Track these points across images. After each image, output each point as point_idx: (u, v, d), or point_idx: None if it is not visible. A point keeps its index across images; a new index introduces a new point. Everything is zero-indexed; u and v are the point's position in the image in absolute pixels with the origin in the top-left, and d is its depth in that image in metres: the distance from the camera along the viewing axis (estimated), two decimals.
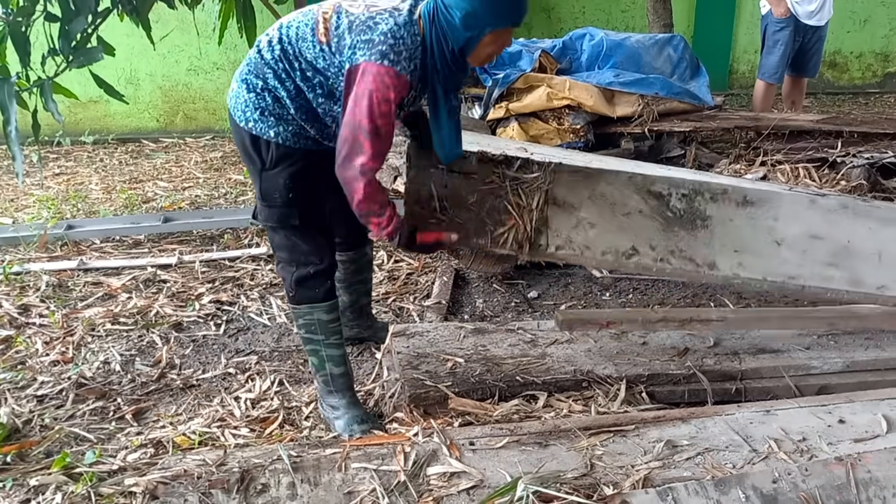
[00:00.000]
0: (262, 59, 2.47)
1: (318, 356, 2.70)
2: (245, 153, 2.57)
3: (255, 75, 2.48)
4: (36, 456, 2.50)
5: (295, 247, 2.62)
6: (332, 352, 2.69)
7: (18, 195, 5.39)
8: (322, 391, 2.75)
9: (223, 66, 7.37)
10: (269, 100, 2.46)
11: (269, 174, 2.52)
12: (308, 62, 2.40)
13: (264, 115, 2.47)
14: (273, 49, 2.44)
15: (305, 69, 2.41)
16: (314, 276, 2.62)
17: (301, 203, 2.55)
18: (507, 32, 2.32)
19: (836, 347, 2.88)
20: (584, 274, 4.00)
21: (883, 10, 8.86)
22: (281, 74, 2.44)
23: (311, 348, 2.71)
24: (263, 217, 2.61)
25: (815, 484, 1.96)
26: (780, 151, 4.88)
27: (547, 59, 5.42)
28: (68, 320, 3.47)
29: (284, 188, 2.52)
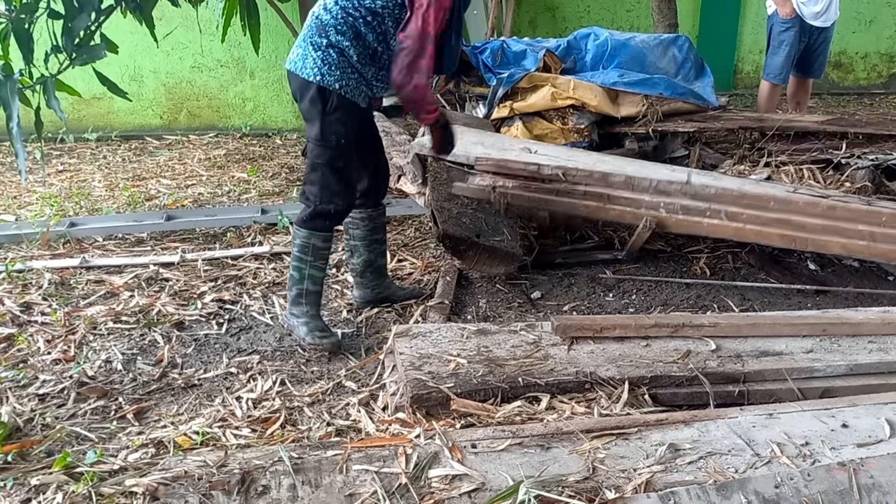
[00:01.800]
0: (322, 21, 2.97)
1: (300, 272, 3.17)
2: (310, 101, 3.03)
3: (318, 35, 2.97)
4: (37, 455, 2.49)
5: (328, 185, 3.09)
6: (314, 273, 3.19)
7: (21, 192, 5.39)
8: (292, 301, 3.23)
9: (227, 63, 7.37)
10: (335, 54, 2.96)
11: (330, 118, 3.00)
12: (367, 9, 2.93)
13: (331, 69, 2.96)
14: (331, 10, 2.96)
15: (365, 15, 2.93)
16: (333, 215, 3.14)
17: (347, 150, 3.06)
18: None
19: (839, 350, 2.87)
20: (588, 274, 3.99)
21: (889, 11, 8.84)
22: (342, 28, 2.94)
23: (296, 265, 3.18)
24: (314, 155, 3.09)
25: (818, 489, 1.95)
26: (784, 152, 4.87)
27: (551, 58, 5.41)
28: (70, 318, 3.47)
29: (341, 133, 3.02)
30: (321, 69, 2.97)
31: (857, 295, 3.77)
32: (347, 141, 3.06)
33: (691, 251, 4.22)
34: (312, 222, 3.13)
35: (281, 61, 7.34)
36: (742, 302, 3.71)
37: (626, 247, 4.06)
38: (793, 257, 4.20)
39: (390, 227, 4.54)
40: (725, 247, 4.23)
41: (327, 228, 3.17)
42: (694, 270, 4.03)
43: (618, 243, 4.22)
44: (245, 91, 7.45)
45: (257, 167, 6.08)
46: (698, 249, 4.23)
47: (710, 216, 3.64)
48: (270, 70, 7.40)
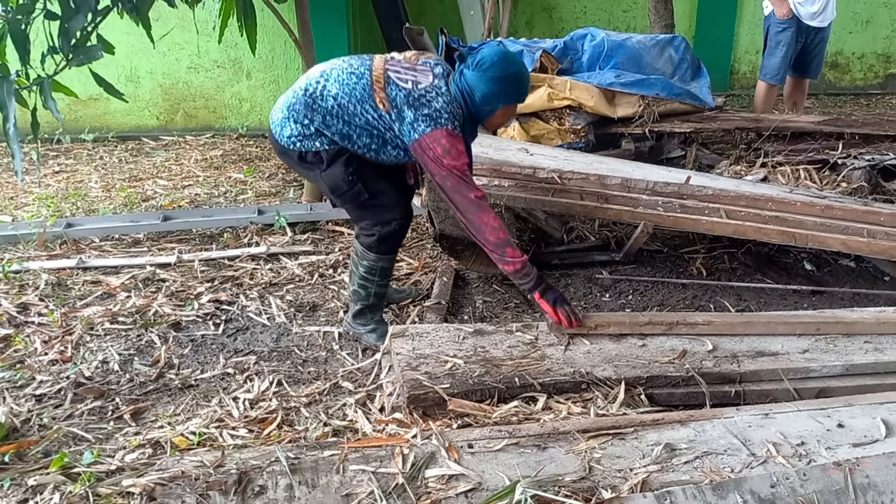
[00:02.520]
0: (311, 107, 2.98)
1: (366, 290, 3.26)
2: (300, 167, 3.12)
3: (303, 115, 2.98)
4: (34, 455, 2.50)
5: (378, 210, 3.13)
6: (380, 290, 3.29)
7: (18, 193, 5.39)
8: (356, 313, 3.32)
9: (223, 63, 7.36)
10: (313, 130, 2.98)
11: (328, 172, 3.03)
12: (366, 120, 2.94)
13: (309, 139, 3.00)
14: (325, 102, 2.96)
15: (362, 125, 2.95)
16: (398, 232, 3.18)
17: (362, 179, 3.06)
18: (513, 107, 3.08)
19: (834, 351, 2.88)
20: (585, 274, 4.00)
21: (885, 12, 8.85)
22: (330, 122, 2.96)
23: (362, 284, 3.25)
24: (341, 203, 3.16)
25: (814, 489, 1.96)
26: (780, 153, 4.88)
27: (548, 59, 5.42)
28: (67, 319, 3.47)
29: (345, 175, 3.02)
30: (297, 139, 3.01)
31: (853, 295, 3.78)
32: (357, 175, 3.05)
33: (688, 252, 4.23)
34: (380, 248, 3.17)
35: (278, 62, 7.35)
36: (738, 302, 3.71)
37: (624, 248, 4.06)
38: (789, 258, 4.21)
39: None
40: (722, 247, 4.24)
41: (394, 250, 3.26)
42: (690, 271, 4.04)
43: (614, 244, 4.23)
44: (242, 92, 7.44)
45: (254, 168, 6.08)
46: (695, 250, 4.24)
47: (709, 214, 3.65)
48: (267, 71, 7.40)
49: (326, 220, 4.68)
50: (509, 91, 2.97)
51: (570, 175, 3.94)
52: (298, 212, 4.72)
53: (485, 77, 2.91)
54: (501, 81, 2.92)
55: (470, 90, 2.94)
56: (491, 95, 2.93)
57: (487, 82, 2.90)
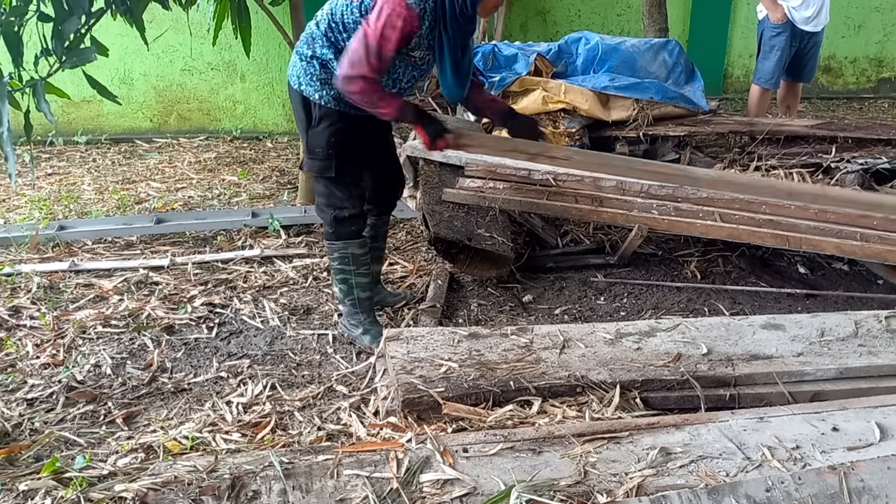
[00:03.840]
0: (311, 35, 2.99)
1: (347, 284, 3.25)
2: (297, 113, 3.12)
3: (306, 46, 3.01)
4: (25, 460, 2.48)
5: (332, 194, 3.15)
6: (361, 280, 3.26)
7: (10, 195, 5.36)
8: (348, 313, 3.32)
9: (217, 66, 7.35)
10: (317, 65, 2.97)
11: (315, 131, 3.05)
12: (345, 23, 2.89)
13: (312, 80, 2.99)
14: (320, 24, 2.97)
15: (343, 30, 2.90)
16: (349, 218, 3.16)
17: (338, 158, 3.05)
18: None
19: (829, 354, 2.88)
20: (579, 278, 3.99)
21: (877, 16, 8.88)
22: (327, 42, 2.94)
23: (342, 277, 3.25)
24: (307, 167, 3.16)
25: (809, 493, 1.96)
26: (774, 156, 4.88)
27: (542, 62, 5.41)
28: (59, 322, 3.45)
29: (326, 144, 3.04)
30: (304, 80, 3.02)
31: (846, 298, 3.78)
32: (336, 150, 3.05)
33: (682, 255, 4.23)
34: (338, 231, 3.17)
35: (272, 64, 7.35)
36: (732, 305, 3.72)
37: (618, 251, 4.06)
38: (783, 261, 4.22)
39: None
40: (716, 250, 4.24)
41: (356, 234, 3.21)
42: (685, 274, 4.04)
43: (609, 247, 4.23)
44: (236, 94, 7.43)
45: (248, 170, 6.07)
46: (689, 253, 4.24)
47: (704, 217, 3.65)
48: (261, 73, 7.39)
49: (320, 223, 4.66)
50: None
51: (564, 178, 3.95)
52: (292, 214, 4.71)
53: None
54: None
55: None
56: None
57: None
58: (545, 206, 3.91)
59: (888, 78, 9.17)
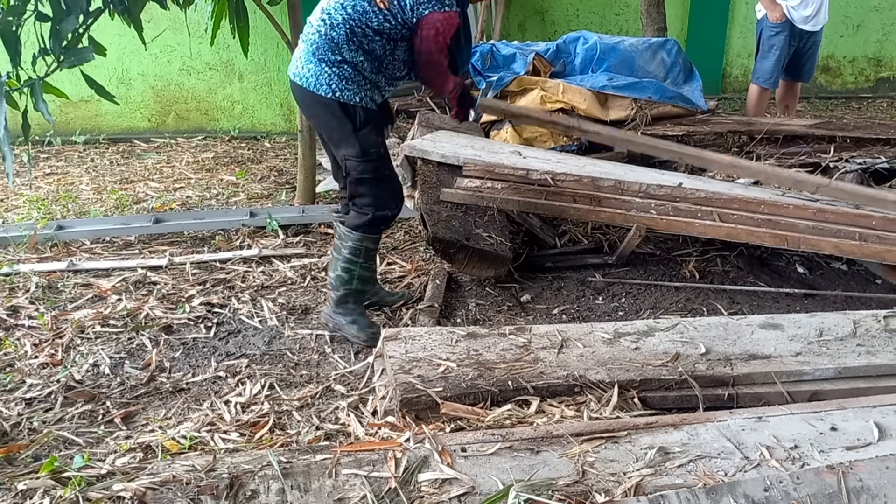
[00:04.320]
0: (332, 40, 3.00)
1: (350, 273, 3.24)
2: (334, 119, 3.08)
3: (331, 52, 3.01)
4: (24, 460, 2.48)
5: (382, 192, 3.18)
6: (364, 273, 3.28)
7: (8, 195, 5.36)
8: (337, 300, 3.28)
9: (215, 66, 7.34)
10: (349, 69, 3.01)
11: (363, 133, 3.07)
12: (374, 28, 2.99)
13: (349, 84, 3.02)
14: (338, 29, 2.99)
15: (373, 34, 3.00)
16: (389, 218, 3.25)
17: (387, 156, 3.17)
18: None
19: (827, 353, 2.88)
20: (577, 278, 3.99)
21: (876, 16, 8.89)
22: (354, 47, 3.00)
23: (346, 266, 3.23)
24: (359, 171, 3.12)
25: (807, 492, 1.96)
26: (773, 156, 4.89)
27: (541, 62, 5.42)
28: (57, 322, 3.45)
29: (378, 143, 3.12)
30: (339, 85, 3.02)
31: (845, 298, 3.78)
32: (385, 149, 3.17)
33: (680, 254, 4.23)
34: (368, 228, 3.20)
35: (270, 64, 7.33)
36: (731, 305, 3.72)
37: (617, 251, 4.06)
38: (781, 261, 4.22)
39: None
40: (714, 250, 4.24)
41: (381, 232, 3.31)
42: (683, 274, 4.04)
43: (607, 247, 4.23)
44: (234, 94, 7.42)
45: (246, 170, 6.07)
46: (687, 253, 4.24)
47: (702, 217, 3.65)
48: (259, 73, 7.38)
49: (318, 223, 4.66)
50: None
51: (562, 177, 3.95)
52: (290, 214, 4.71)
53: None
54: None
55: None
56: None
57: None
58: (543, 205, 3.91)
59: (887, 77, 9.17)
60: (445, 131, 4.82)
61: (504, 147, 4.73)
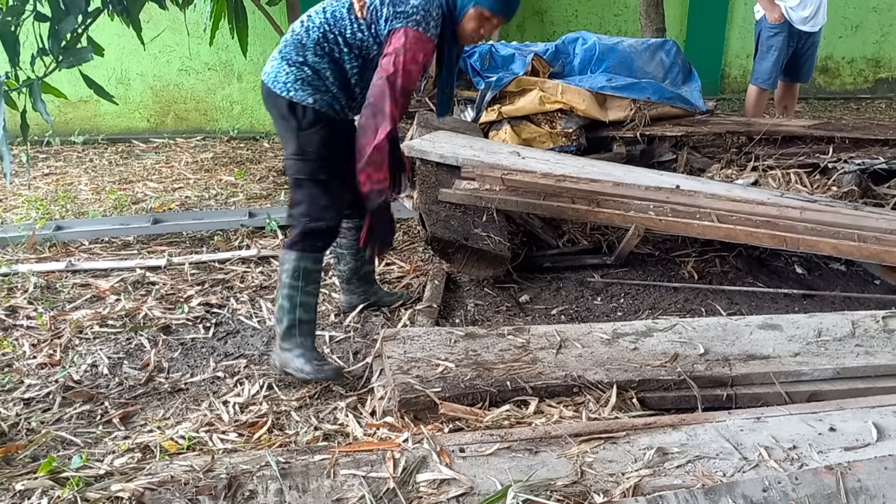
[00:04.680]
0: (301, 42, 2.87)
1: (291, 301, 2.92)
2: (281, 118, 2.93)
3: (295, 53, 2.87)
4: (22, 460, 2.48)
5: (315, 200, 2.93)
6: (307, 299, 2.95)
7: (7, 195, 5.35)
8: (283, 334, 2.95)
9: (214, 66, 7.34)
10: (309, 72, 2.85)
11: (306, 133, 2.88)
12: (346, 39, 2.83)
13: (303, 85, 2.85)
14: (311, 32, 2.85)
15: (343, 45, 2.84)
16: (324, 232, 2.96)
17: (328, 161, 2.91)
18: (489, 18, 2.81)
19: (826, 354, 2.88)
20: (576, 278, 3.99)
21: (874, 16, 8.90)
22: (320, 52, 2.85)
23: (287, 293, 2.93)
24: (294, 171, 2.94)
25: (805, 493, 1.96)
26: (771, 157, 4.89)
27: (539, 62, 5.42)
28: (56, 322, 3.45)
29: (319, 145, 2.89)
30: (293, 85, 2.86)
31: (844, 299, 3.79)
32: (328, 152, 2.92)
33: (679, 255, 4.23)
34: (302, 243, 2.92)
35: None
36: (730, 305, 3.72)
37: (615, 252, 4.06)
38: (780, 261, 4.22)
39: None
40: (713, 251, 4.24)
41: (318, 249, 2.96)
42: (682, 274, 4.04)
43: (606, 248, 4.23)
44: (233, 94, 7.43)
45: (245, 170, 6.06)
46: (686, 253, 4.24)
47: (701, 218, 3.66)
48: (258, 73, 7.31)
49: None
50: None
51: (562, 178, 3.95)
52: None
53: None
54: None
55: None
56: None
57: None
58: (542, 206, 3.91)
59: (885, 78, 9.18)
60: (444, 131, 4.82)
61: (503, 147, 4.73)
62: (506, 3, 2.78)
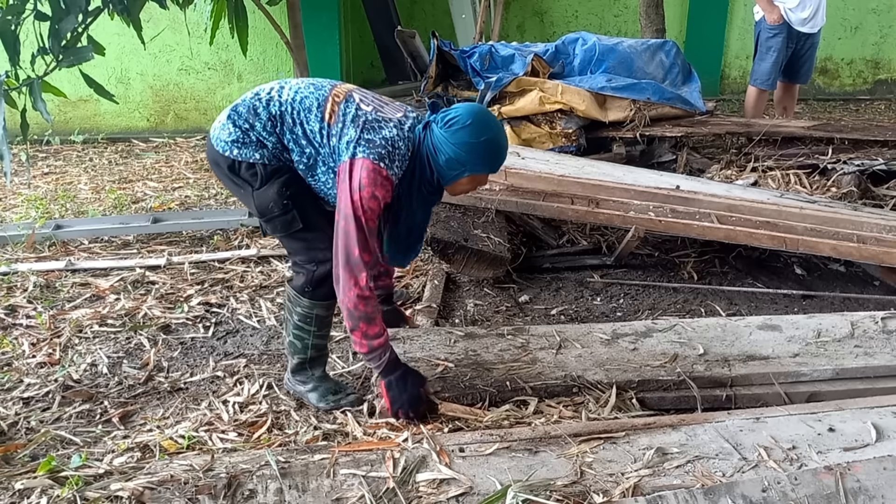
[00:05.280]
0: (255, 110, 2.59)
1: (302, 342, 2.78)
2: (231, 181, 2.67)
3: (244, 119, 2.59)
4: (21, 459, 2.47)
5: (310, 246, 2.69)
6: (318, 342, 2.80)
7: (6, 194, 5.35)
8: (294, 368, 2.84)
9: (214, 65, 7.35)
10: (254, 137, 2.58)
11: (260, 192, 2.61)
12: (305, 132, 2.56)
13: (246, 145, 2.58)
14: (272, 106, 2.58)
15: (300, 135, 2.56)
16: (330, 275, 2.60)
17: (298, 206, 2.63)
18: (484, 176, 2.63)
19: (825, 355, 2.88)
20: (576, 278, 3.99)
21: (874, 18, 8.90)
22: (270, 129, 2.58)
23: (298, 335, 2.78)
24: (270, 231, 2.73)
25: (805, 493, 1.96)
26: (771, 157, 4.89)
27: (539, 63, 5.42)
28: (55, 322, 3.45)
29: (278, 197, 2.60)
30: (235, 145, 2.59)
31: (843, 300, 3.79)
32: (292, 199, 2.62)
33: (679, 255, 4.23)
34: (317, 292, 2.70)
35: (269, 64, 7.34)
36: (729, 306, 3.72)
37: (615, 252, 4.07)
38: (779, 262, 4.22)
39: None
40: (713, 251, 4.25)
41: (332, 296, 2.62)
42: (681, 275, 4.04)
43: (606, 248, 4.23)
44: (233, 94, 7.43)
45: None
46: (686, 254, 4.24)
47: (700, 219, 3.66)
48: (258, 73, 7.39)
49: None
50: (478, 160, 2.53)
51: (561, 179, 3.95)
52: None
53: (452, 139, 2.48)
54: (471, 149, 2.49)
55: (434, 150, 2.53)
56: (456, 162, 2.51)
57: (454, 146, 2.48)
58: (542, 207, 3.91)
59: (884, 80, 9.19)
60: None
61: None
62: (497, 163, 2.59)
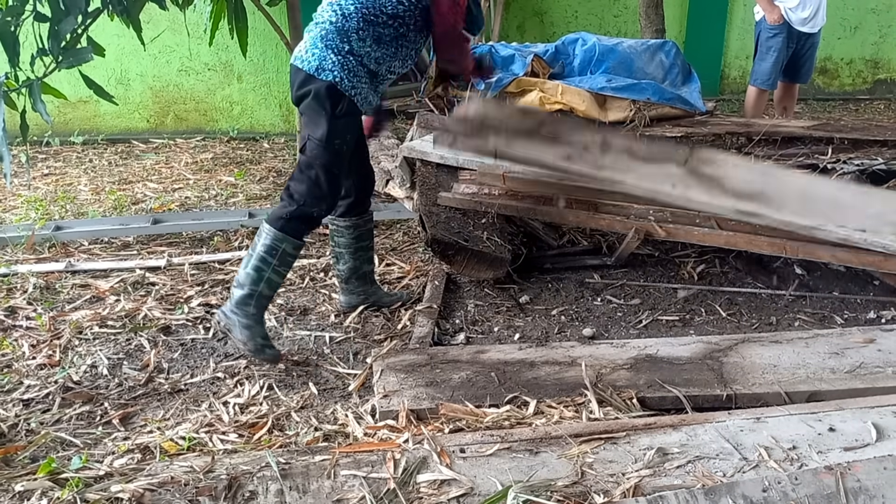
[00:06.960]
0: (342, 29, 2.92)
1: (259, 273, 2.97)
2: (317, 100, 2.95)
3: (340, 40, 2.92)
4: (21, 461, 2.47)
5: (318, 187, 2.99)
6: (274, 277, 3.01)
7: (6, 196, 5.35)
8: (239, 300, 2.99)
9: (214, 66, 7.34)
10: (354, 62, 2.94)
11: (339, 121, 2.95)
12: (390, 14, 2.92)
13: (351, 76, 2.93)
14: (350, 19, 2.91)
15: (387, 20, 2.93)
16: (313, 219, 3.05)
17: (345, 156, 3.03)
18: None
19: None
20: (576, 279, 3.99)
21: (873, 18, 8.90)
22: (363, 35, 2.92)
23: (257, 265, 2.97)
24: (313, 155, 2.97)
25: (805, 493, 1.96)
26: (770, 157, 4.88)
27: (539, 63, 5.41)
28: (55, 323, 3.45)
29: (345, 138, 2.99)
30: (339, 73, 2.92)
31: (843, 300, 3.79)
32: (348, 147, 3.03)
33: (679, 256, 4.23)
34: (290, 225, 2.98)
35: (269, 65, 7.33)
36: (729, 306, 3.72)
37: (615, 253, 4.06)
38: (779, 262, 4.22)
39: (379, 231, 4.54)
40: (713, 252, 4.24)
41: (302, 234, 3.03)
42: (682, 275, 4.04)
43: (606, 249, 4.23)
44: (232, 95, 7.43)
45: (244, 171, 6.06)
46: (686, 254, 4.24)
47: (701, 224, 3.65)
48: (258, 74, 7.38)
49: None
50: None
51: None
52: None
53: None
54: None
55: None
56: None
57: None
58: (541, 211, 3.91)
59: (884, 79, 9.18)
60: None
61: None
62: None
